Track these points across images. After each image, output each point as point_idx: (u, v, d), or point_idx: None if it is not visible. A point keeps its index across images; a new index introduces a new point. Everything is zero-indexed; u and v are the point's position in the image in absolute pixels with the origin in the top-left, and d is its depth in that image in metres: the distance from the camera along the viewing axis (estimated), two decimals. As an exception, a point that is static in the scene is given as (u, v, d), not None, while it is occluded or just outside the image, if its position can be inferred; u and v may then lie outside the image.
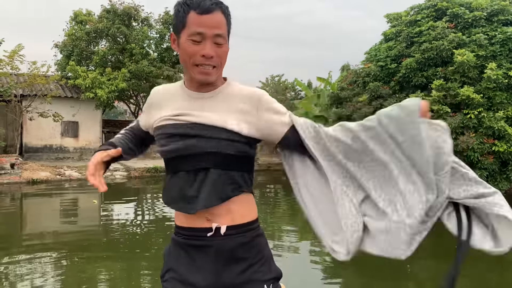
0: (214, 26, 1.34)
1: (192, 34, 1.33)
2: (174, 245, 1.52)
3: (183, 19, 1.35)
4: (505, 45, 9.33)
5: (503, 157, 8.50)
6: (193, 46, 1.34)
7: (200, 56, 1.35)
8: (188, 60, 1.37)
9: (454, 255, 1.32)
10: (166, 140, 1.43)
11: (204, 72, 1.38)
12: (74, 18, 17.68)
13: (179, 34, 1.38)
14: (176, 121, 1.43)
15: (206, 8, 1.33)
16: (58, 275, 4.86)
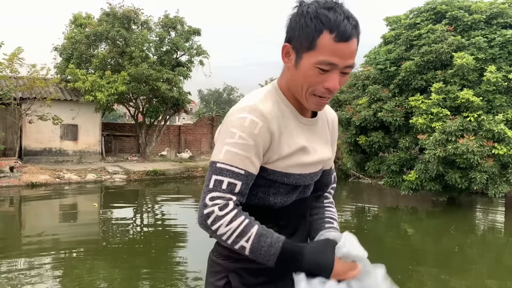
0: (349, 56, 1.15)
1: (322, 63, 1.13)
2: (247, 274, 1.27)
3: (313, 39, 1.13)
4: (504, 48, 9.34)
5: (503, 160, 8.48)
6: (319, 75, 1.15)
7: (324, 88, 1.17)
8: (306, 88, 1.18)
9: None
10: (289, 190, 1.26)
11: (321, 103, 1.22)
12: (74, 21, 17.68)
13: (301, 53, 1.16)
14: (304, 167, 1.25)
15: (347, 36, 1.12)
16: (57, 279, 4.84)
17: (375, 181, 15.53)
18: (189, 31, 18.39)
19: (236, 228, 1.12)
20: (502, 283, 5.20)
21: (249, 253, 1.13)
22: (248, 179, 1.17)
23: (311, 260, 1.15)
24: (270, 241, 1.13)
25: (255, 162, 1.17)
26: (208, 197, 1.15)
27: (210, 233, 1.16)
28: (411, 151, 10.27)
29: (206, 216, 1.14)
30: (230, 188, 1.15)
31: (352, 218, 9.54)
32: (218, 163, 1.16)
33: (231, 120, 1.19)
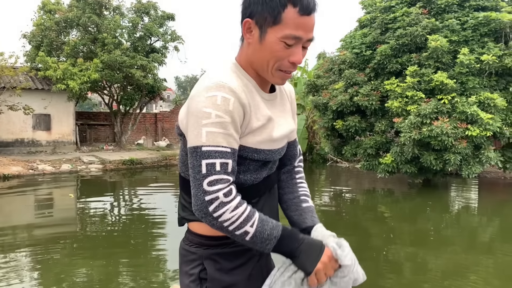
0: (311, 29, 1.18)
1: (288, 37, 1.15)
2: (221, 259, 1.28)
3: (278, 14, 1.14)
4: (476, 30, 9.46)
5: (476, 141, 8.66)
6: (284, 50, 1.16)
7: (289, 62, 1.19)
8: (272, 63, 1.19)
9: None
10: (258, 166, 1.27)
11: (286, 77, 1.24)
12: (42, 7, 17.10)
13: (265, 28, 1.16)
14: (273, 143, 1.27)
15: (310, 9, 1.15)
16: (34, 273, 4.73)
17: (352, 165, 15.71)
18: (162, 16, 18.06)
19: (241, 214, 1.13)
20: (476, 259, 5.34)
21: (251, 237, 1.14)
22: (235, 155, 1.16)
23: (304, 252, 1.18)
24: (272, 225, 1.17)
25: (236, 138, 1.17)
26: (206, 183, 1.11)
27: (210, 220, 1.12)
28: (387, 135, 10.39)
29: (208, 203, 1.11)
30: (224, 168, 1.13)
31: (330, 201, 9.63)
32: (203, 147, 1.13)
33: (200, 101, 1.15)
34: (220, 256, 1.27)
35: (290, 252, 1.18)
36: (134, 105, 19.28)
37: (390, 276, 4.77)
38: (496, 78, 9.24)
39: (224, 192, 1.11)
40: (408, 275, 4.85)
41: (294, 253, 1.18)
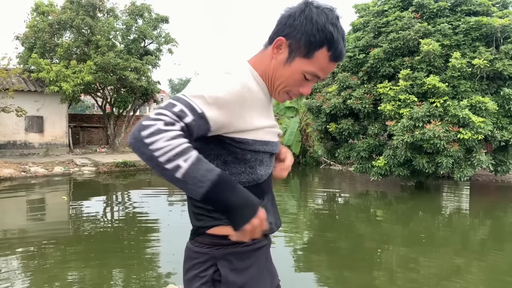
0: (331, 71, 1.29)
1: (311, 73, 1.23)
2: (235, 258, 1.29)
3: (312, 50, 1.20)
4: (468, 34, 9.56)
5: (468, 145, 8.74)
6: (301, 81, 1.25)
7: (298, 91, 1.28)
8: (284, 85, 1.26)
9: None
10: (268, 159, 1.33)
11: (288, 100, 1.34)
12: (36, 9, 17.04)
13: (294, 55, 1.22)
14: (274, 136, 1.34)
15: (339, 58, 1.24)
16: (26, 275, 4.70)
17: (346, 168, 15.77)
18: (156, 19, 18.05)
19: (176, 146, 1.03)
20: (468, 261, 5.38)
21: (183, 174, 1.03)
22: (200, 121, 1.11)
23: (241, 199, 1.09)
24: (208, 167, 1.06)
25: (214, 113, 1.13)
26: (154, 112, 1.08)
27: (139, 146, 1.03)
28: (380, 138, 10.46)
29: (143, 127, 1.03)
30: (179, 113, 1.08)
31: (324, 204, 9.66)
32: (180, 94, 1.15)
33: (212, 75, 1.21)
34: (234, 255, 1.27)
35: (223, 201, 1.07)
36: (128, 107, 19.23)
37: (382, 278, 4.80)
38: (487, 82, 9.34)
39: (165, 122, 1.05)
40: (400, 276, 4.88)
41: (228, 203, 1.07)
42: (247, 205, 1.10)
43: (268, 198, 1.38)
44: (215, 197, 1.06)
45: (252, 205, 1.11)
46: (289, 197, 10.95)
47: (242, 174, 1.26)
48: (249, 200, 1.11)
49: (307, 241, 6.59)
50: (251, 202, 1.11)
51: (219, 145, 1.23)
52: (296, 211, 8.89)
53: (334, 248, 6.06)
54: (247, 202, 1.10)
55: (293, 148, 16.91)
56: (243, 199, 1.09)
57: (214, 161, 1.24)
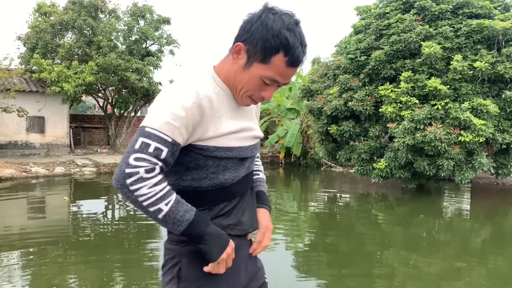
0: (291, 76, 1.28)
1: (269, 78, 1.25)
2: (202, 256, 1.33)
3: (269, 56, 1.21)
4: (469, 37, 9.56)
5: (469, 147, 8.73)
6: (260, 85, 1.26)
7: (260, 96, 1.30)
8: (245, 90, 1.29)
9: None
10: (235, 164, 1.35)
11: (252, 104, 1.36)
12: (38, 9, 17.07)
13: (252, 60, 1.24)
14: (243, 140, 1.36)
15: (297, 63, 1.24)
16: (26, 275, 4.70)
17: (347, 170, 15.76)
18: (158, 20, 18.07)
19: (159, 192, 1.15)
20: (468, 264, 5.37)
21: (164, 216, 1.17)
22: (174, 148, 1.20)
23: (213, 240, 1.23)
24: (186, 208, 1.21)
25: (183, 134, 1.20)
26: (133, 157, 1.15)
27: (124, 192, 1.14)
28: (381, 140, 10.45)
29: (127, 175, 1.13)
30: (156, 153, 1.16)
31: (325, 206, 9.66)
32: (147, 128, 1.18)
33: (165, 94, 1.24)
34: (197, 253, 1.30)
35: (199, 237, 1.22)
36: (129, 108, 19.25)
37: (383, 281, 4.79)
38: (488, 84, 9.34)
39: (146, 169, 1.14)
40: (401, 279, 4.87)
41: (203, 238, 1.22)
42: (220, 238, 1.25)
43: (242, 200, 1.41)
44: (192, 232, 1.21)
45: (224, 236, 1.26)
46: (290, 198, 10.94)
47: (204, 179, 1.30)
48: (221, 233, 1.26)
49: (307, 242, 6.59)
50: (222, 234, 1.26)
51: (182, 153, 1.27)
52: (296, 213, 8.88)
53: (335, 250, 6.05)
54: (219, 235, 1.25)
55: (294, 150, 16.90)
56: (216, 233, 1.25)
57: (178, 167, 1.30)
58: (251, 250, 1.48)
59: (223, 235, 1.26)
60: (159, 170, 1.17)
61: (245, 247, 1.45)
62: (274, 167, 17.89)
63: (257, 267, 1.54)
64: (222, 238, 1.25)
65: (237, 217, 1.37)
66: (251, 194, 1.49)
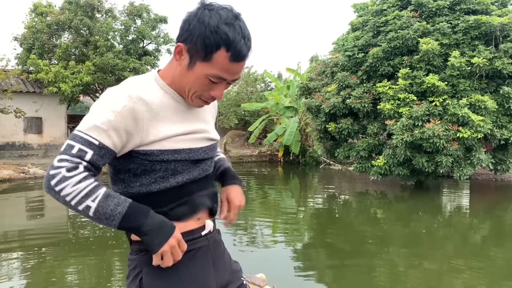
0: (238, 73, 1.23)
1: (214, 76, 1.20)
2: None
3: (210, 53, 1.17)
4: (467, 33, 9.55)
5: (467, 143, 8.72)
6: (208, 84, 1.22)
7: (210, 95, 1.25)
8: (193, 91, 1.24)
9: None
10: (186, 167, 1.29)
11: (204, 105, 1.31)
12: (34, 10, 17.00)
13: (194, 60, 1.20)
14: (194, 142, 1.31)
15: (241, 57, 1.19)
16: (26, 276, 4.68)
17: (345, 167, 15.76)
18: (155, 19, 18.03)
19: (83, 189, 1.12)
20: (468, 261, 5.37)
21: (94, 212, 1.12)
22: (102, 152, 1.16)
23: (152, 231, 1.16)
24: (118, 201, 1.15)
25: (112, 137, 1.16)
26: (57, 159, 1.14)
27: (53, 194, 1.14)
28: (379, 137, 10.44)
29: (51, 177, 1.12)
30: (79, 154, 1.14)
31: (324, 204, 9.65)
32: (75, 131, 1.18)
33: (101, 99, 1.21)
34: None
35: (136, 229, 1.16)
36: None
37: (382, 277, 4.78)
38: (486, 80, 9.33)
39: (67, 168, 1.12)
40: (400, 275, 4.87)
41: (141, 229, 1.15)
42: (161, 228, 1.18)
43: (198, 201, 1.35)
44: (129, 226, 1.15)
45: (167, 226, 1.19)
46: (288, 196, 10.94)
47: (153, 184, 1.25)
48: (163, 223, 1.18)
49: (306, 240, 6.58)
50: (165, 224, 1.19)
51: (127, 160, 1.25)
52: (295, 211, 8.87)
53: (334, 247, 6.04)
54: (160, 225, 1.18)
55: (293, 148, 16.89)
56: (157, 223, 1.17)
57: (125, 174, 1.28)
58: (225, 223, 1.49)
59: (166, 226, 1.19)
60: (83, 169, 1.14)
61: (213, 248, 1.39)
62: (273, 166, 17.88)
63: (232, 270, 1.47)
64: (165, 229, 1.18)
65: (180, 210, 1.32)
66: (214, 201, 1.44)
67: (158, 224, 1.17)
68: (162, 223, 1.18)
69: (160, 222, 1.18)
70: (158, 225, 1.17)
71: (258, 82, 25.18)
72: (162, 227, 1.18)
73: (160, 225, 1.18)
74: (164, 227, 1.18)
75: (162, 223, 1.18)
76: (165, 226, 1.19)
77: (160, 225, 1.18)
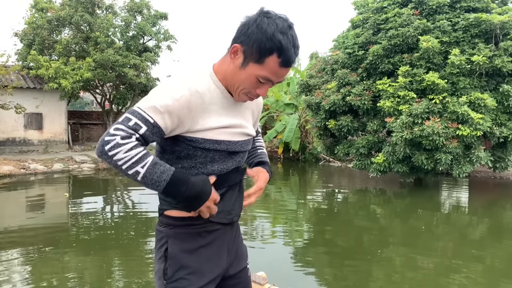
0: (284, 76, 1.38)
1: (263, 77, 1.34)
2: (187, 238, 1.46)
3: (263, 57, 1.31)
4: (467, 31, 9.56)
5: (467, 141, 8.75)
6: (256, 83, 1.36)
7: (256, 93, 1.40)
8: (241, 88, 1.38)
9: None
10: (223, 157, 1.44)
11: (248, 100, 1.45)
12: (34, 5, 16.99)
13: (248, 61, 1.34)
14: (233, 135, 1.45)
15: (289, 64, 1.33)
16: (26, 273, 4.72)
17: (345, 164, 15.79)
18: (155, 16, 18.01)
19: (134, 156, 1.23)
20: (467, 259, 5.41)
21: (142, 177, 1.25)
22: (154, 130, 1.29)
23: (194, 192, 1.31)
24: (163, 169, 1.28)
25: (166, 120, 1.30)
26: (113, 128, 1.26)
27: (105, 158, 1.24)
28: (379, 134, 10.47)
29: (105, 142, 1.23)
30: (134, 127, 1.26)
31: (323, 201, 9.69)
32: (135, 107, 1.31)
33: (163, 85, 1.35)
34: (182, 235, 1.44)
35: (179, 195, 1.30)
36: (127, 104, 19.21)
37: (381, 274, 4.82)
38: (486, 78, 9.35)
39: (122, 136, 1.23)
40: (399, 273, 4.91)
41: (181, 196, 1.30)
42: (199, 196, 1.33)
43: (231, 191, 1.52)
44: (172, 192, 1.30)
45: (204, 194, 1.33)
46: (288, 193, 10.97)
47: (192, 168, 1.41)
48: (200, 193, 1.32)
49: (306, 237, 6.62)
50: (202, 193, 1.33)
51: (174, 143, 1.40)
52: (295, 208, 8.91)
53: (333, 245, 6.08)
54: (198, 194, 1.32)
55: (293, 145, 16.92)
56: (194, 192, 1.31)
57: (170, 155, 1.43)
58: (245, 203, 1.59)
59: (204, 193, 1.33)
60: (135, 139, 1.25)
61: (230, 232, 1.56)
62: (273, 162, 17.91)
63: (240, 250, 1.64)
64: (202, 197, 1.33)
65: (223, 206, 1.47)
66: (241, 186, 1.58)
67: (195, 193, 1.31)
68: (199, 193, 1.32)
69: (198, 192, 1.32)
70: (196, 194, 1.32)
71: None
72: (200, 196, 1.33)
73: (198, 194, 1.32)
74: (202, 196, 1.33)
75: (200, 193, 1.33)
76: (203, 194, 1.33)
77: (197, 194, 1.32)
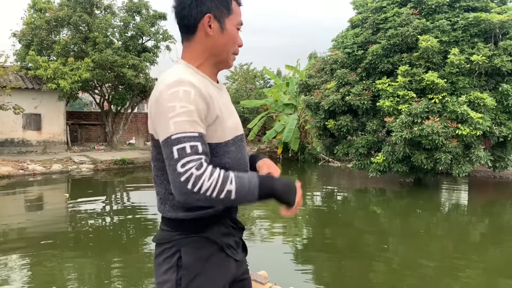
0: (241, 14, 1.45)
1: (239, 23, 1.40)
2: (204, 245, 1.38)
3: (229, 5, 1.38)
4: (466, 30, 9.54)
5: (466, 141, 8.74)
6: (236, 35, 1.41)
7: (238, 46, 1.43)
8: (230, 48, 1.41)
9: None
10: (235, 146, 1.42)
11: (234, 60, 1.47)
12: (33, 6, 16.95)
13: (223, 19, 1.37)
14: (235, 121, 1.45)
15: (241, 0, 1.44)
16: (25, 274, 4.69)
17: (344, 164, 15.77)
18: (154, 16, 17.98)
19: (218, 178, 1.18)
20: (466, 258, 5.39)
21: (235, 193, 1.19)
22: (203, 139, 1.24)
23: (282, 186, 1.29)
24: (248, 176, 1.25)
25: (200, 124, 1.25)
26: (179, 165, 1.18)
27: (193, 197, 1.17)
28: (379, 134, 10.45)
29: (185, 182, 1.16)
30: (194, 150, 1.19)
31: (323, 201, 9.67)
32: (172, 136, 1.21)
33: (164, 98, 1.25)
34: (195, 243, 1.35)
35: (273, 193, 1.27)
36: (126, 104, 19.18)
37: (380, 274, 4.80)
38: (485, 78, 9.34)
39: (196, 167, 1.17)
40: (398, 271, 4.89)
41: (277, 192, 1.28)
42: (289, 187, 1.31)
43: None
44: (265, 193, 1.26)
45: (292, 185, 1.32)
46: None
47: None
48: (287, 183, 1.31)
49: (306, 237, 6.60)
50: (289, 184, 1.31)
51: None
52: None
53: (333, 245, 6.06)
54: (286, 186, 1.30)
55: (292, 145, 16.90)
56: (283, 186, 1.30)
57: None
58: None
59: (289, 182, 1.32)
60: (205, 162, 1.20)
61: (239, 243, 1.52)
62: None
63: (244, 265, 1.59)
64: (292, 186, 1.32)
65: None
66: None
67: (285, 185, 1.30)
68: (286, 183, 1.31)
69: (285, 182, 1.31)
70: (286, 186, 1.31)
71: (257, 79, 25.17)
72: (288, 186, 1.31)
73: (287, 186, 1.31)
74: (290, 185, 1.32)
75: (287, 183, 1.32)
76: (291, 183, 1.33)
77: (286, 186, 1.31)
